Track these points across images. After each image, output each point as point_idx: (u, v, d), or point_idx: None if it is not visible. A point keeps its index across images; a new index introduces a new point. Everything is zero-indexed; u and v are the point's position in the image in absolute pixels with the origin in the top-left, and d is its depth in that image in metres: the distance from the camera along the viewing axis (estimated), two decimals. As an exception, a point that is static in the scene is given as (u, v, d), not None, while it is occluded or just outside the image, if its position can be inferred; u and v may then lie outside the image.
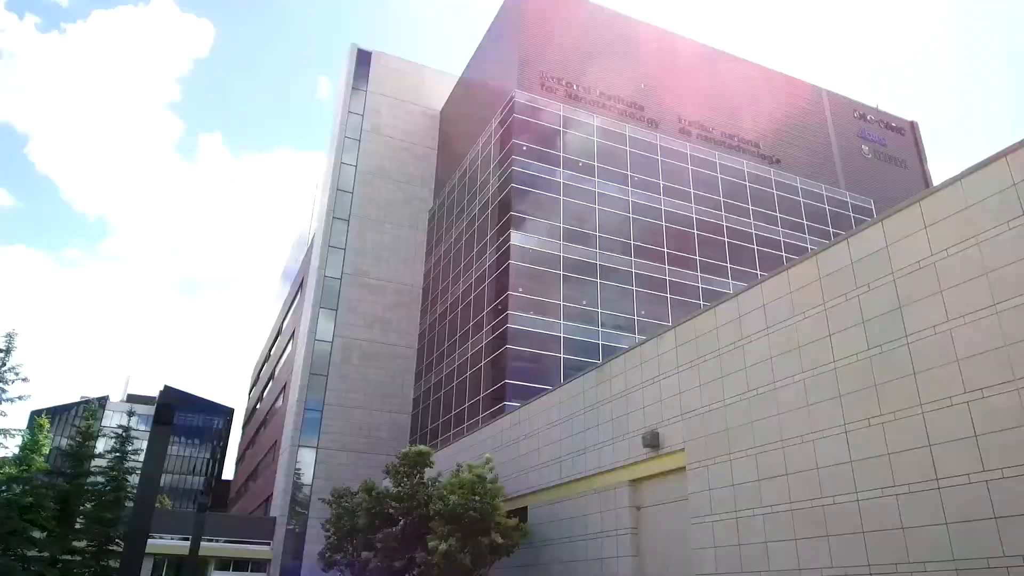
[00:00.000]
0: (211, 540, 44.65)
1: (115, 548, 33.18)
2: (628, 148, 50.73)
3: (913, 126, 68.20)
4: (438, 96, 67.92)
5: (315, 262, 58.91)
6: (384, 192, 62.43)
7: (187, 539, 39.73)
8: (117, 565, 31.62)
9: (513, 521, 22.27)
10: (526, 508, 23.74)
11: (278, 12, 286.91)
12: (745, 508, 14.66)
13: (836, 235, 57.05)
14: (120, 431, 36.06)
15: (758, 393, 14.93)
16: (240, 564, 47.64)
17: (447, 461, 28.06)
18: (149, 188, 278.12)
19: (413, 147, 65.20)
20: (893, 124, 66.64)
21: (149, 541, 43.68)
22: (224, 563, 47.42)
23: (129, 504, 32.82)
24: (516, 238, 44.18)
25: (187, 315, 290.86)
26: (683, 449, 16.86)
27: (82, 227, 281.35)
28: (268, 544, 47.79)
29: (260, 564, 48.06)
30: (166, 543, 44.07)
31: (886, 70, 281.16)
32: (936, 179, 67.02)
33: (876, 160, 63.38)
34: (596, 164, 48.87)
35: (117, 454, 34.82)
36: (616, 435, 19.47)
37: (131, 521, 12.96)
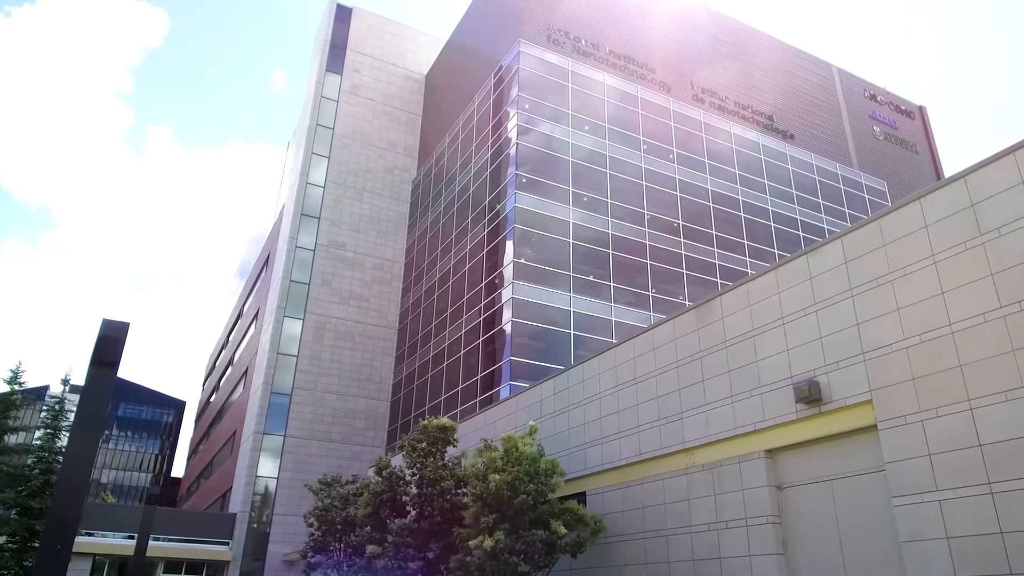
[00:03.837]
0: (160, 539, 38.53)
1: (43, 545, 26.87)
2: (640, 111, 46.14)
3: (922, 111, 65.27)
4: (423, 60, 62.52)
5: (286, 231, 52.87)
6: (363, 159, 56.72)
7: (132, 537, 33.68)
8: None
9: (581, 507, 17.01)
10: (583, 494, 18.50)
11: (235, 3, 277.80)
12: (1009, 478, 9.73)
13: (853, 217, 53.47)
14: (54, 404, 29.64)
15: (1023, 307, 10.05)
16: (194, 566, 41.37)
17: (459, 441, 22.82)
18: (95, 179, 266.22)
19: (395, 112, 59.63)
20: (903, 107, 63.56)
21: (88, 539, 37.40)
22: (175, 565, 41.12)
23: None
24: (521, 200, 39.08)
25: (138, 310, 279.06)
26: (869, 400, 11.86)
27: (23, 218, 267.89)
28: (227, 544, 41.59)
29: (217, 566, 41.85)
30: (108, 541, 37.85)
31: (891, 53, 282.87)
32: (946, 166, 63.99)
33: (887, 142, 60.08)
34: (607, 126, 44.12)
35: (49, 431, 28.57)
36: (738, 391, 14.42)
37: (55, 498, 9.02)
